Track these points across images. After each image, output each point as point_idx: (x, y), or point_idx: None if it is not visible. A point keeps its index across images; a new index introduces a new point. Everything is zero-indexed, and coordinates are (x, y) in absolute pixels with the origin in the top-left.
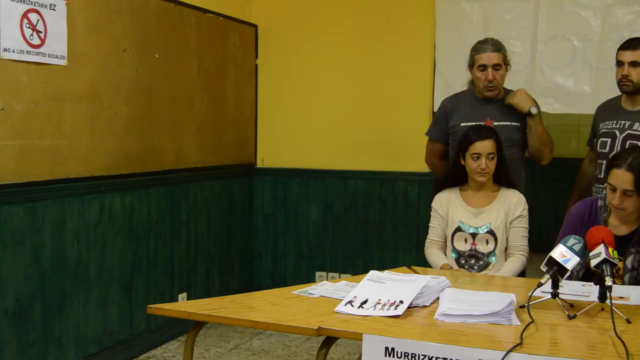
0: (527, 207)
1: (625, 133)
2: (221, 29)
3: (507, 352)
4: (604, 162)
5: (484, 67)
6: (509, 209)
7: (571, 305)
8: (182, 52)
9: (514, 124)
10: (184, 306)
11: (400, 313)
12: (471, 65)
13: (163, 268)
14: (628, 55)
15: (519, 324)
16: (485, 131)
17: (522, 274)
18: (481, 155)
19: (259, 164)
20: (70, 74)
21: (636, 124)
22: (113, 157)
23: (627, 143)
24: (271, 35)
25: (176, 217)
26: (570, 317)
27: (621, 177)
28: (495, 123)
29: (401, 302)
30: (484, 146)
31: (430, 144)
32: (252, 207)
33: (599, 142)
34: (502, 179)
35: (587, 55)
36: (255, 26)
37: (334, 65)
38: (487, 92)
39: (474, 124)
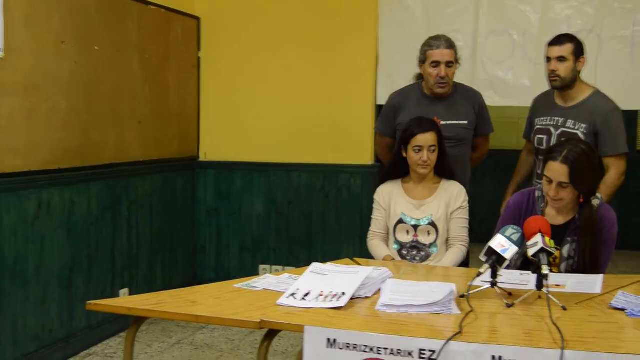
0: (467, 198)
1: (560, 130)
2: (163, 21)
3: (447, 341)
4: (542, 158)
5: (436, 64)
6: (449, 200)
7: (509, 293)
8: (123, 45)
9: (461, 122)
10: (124, 302)
11: (343, 304)
12: (422, 61)
13: (104, 263)
14: (555, 51)
15: (459, 313)
16: (427, 124)
17: (465, 263)
18: (423, 148)
19: (202, 158)
20: (7, 66)
21: (569, 121)
22: (51, 152)
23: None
24: (214, 28)
25: (117, 211)
26: (509, 306)
27: (557, 170)
28: (442, 122)
29: (343, 293)
30: (426, 139)
31: (379, 137)
32: (195, 201)
33: (536, 138)
34: (443, 171)
35: (526, 49)
36: (198, 19)
37: (277, 58)
38: (438, 88)
39: None
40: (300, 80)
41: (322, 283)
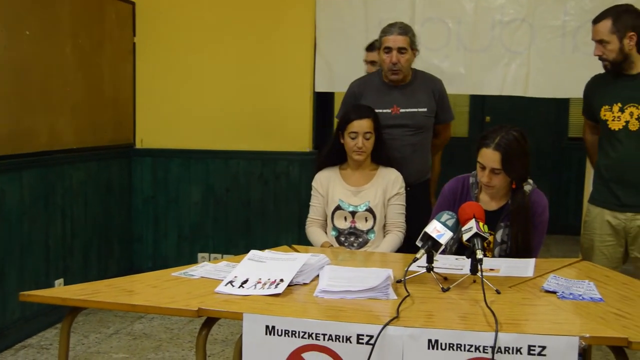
0: (404, 185)
1: None
2: (96, 5)
3: (384, 326)
4: None
5: (389, 50)
6: (386, 187)
7: (445, 278)
8: (55, 29)
9: (420, 110)
10: (58, 292)
11: (281, 291)
12: (379, 48)
13: (38, 254)
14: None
15: (396, 298)
16: (363, 110)
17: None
18: (358, 134)
19: (138, 145)
20: None
21: None
22: None
23: None
24: (149, 13)
25: (51, 200)
26: (444, 290)
27: (489, 157)
28: (402, 110)
29: (281, 280)
30: (362, 125)
31: None
32: (132, 189)
33: None
34: (380, 157)
35: (461, 37)
36: (133, 3)
37: (215, 43)
38: (392, 75)
39: (380, 111)
40: (237, 66)
41: (260, 270)
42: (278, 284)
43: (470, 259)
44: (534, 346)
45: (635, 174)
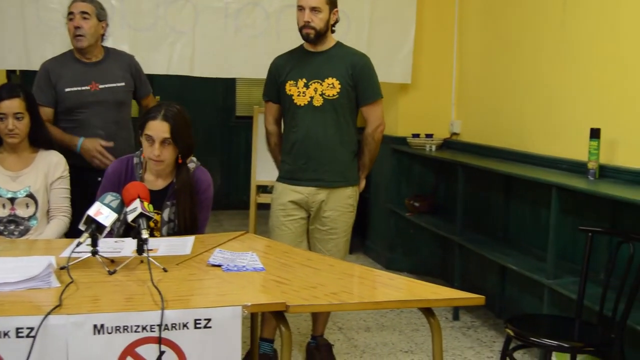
0: (67, 168)
1: None
2: None
3: (45, 316)
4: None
5: (72, 15)
6: (48, 170)
7: (112, 261)
8: None
9: (119, 85)
10: None
11: None
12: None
13: None
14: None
15: (59, 285)
16: (13, 89)
17: None
18: (7, 115)
19: None
20: None
21: None
22: None
23: None
24: None
25: None
26: (111, 273)
27: (158, 127)
28: (100, 86)
29: None
30: (11, 106)
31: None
32: None
33: None
34: (39, 140)
35: (125, 15)
36: None
37: None
38: (76, 42)
39: (78, 89)
40: None
41: None
42: None
43: (136, 240)
44: (200, 319)
45: (317, 149)
